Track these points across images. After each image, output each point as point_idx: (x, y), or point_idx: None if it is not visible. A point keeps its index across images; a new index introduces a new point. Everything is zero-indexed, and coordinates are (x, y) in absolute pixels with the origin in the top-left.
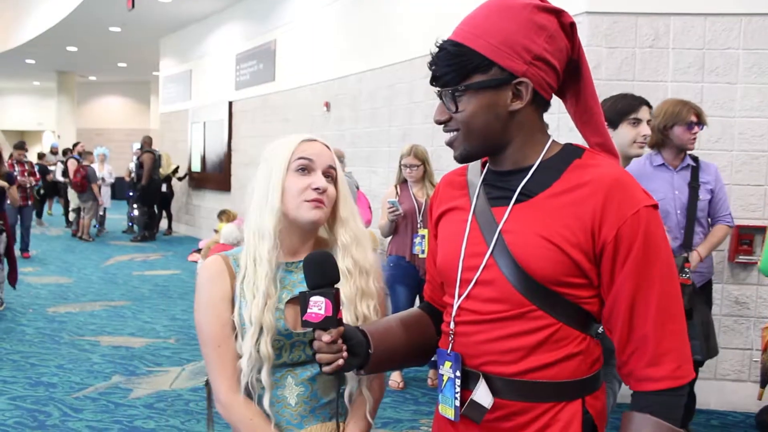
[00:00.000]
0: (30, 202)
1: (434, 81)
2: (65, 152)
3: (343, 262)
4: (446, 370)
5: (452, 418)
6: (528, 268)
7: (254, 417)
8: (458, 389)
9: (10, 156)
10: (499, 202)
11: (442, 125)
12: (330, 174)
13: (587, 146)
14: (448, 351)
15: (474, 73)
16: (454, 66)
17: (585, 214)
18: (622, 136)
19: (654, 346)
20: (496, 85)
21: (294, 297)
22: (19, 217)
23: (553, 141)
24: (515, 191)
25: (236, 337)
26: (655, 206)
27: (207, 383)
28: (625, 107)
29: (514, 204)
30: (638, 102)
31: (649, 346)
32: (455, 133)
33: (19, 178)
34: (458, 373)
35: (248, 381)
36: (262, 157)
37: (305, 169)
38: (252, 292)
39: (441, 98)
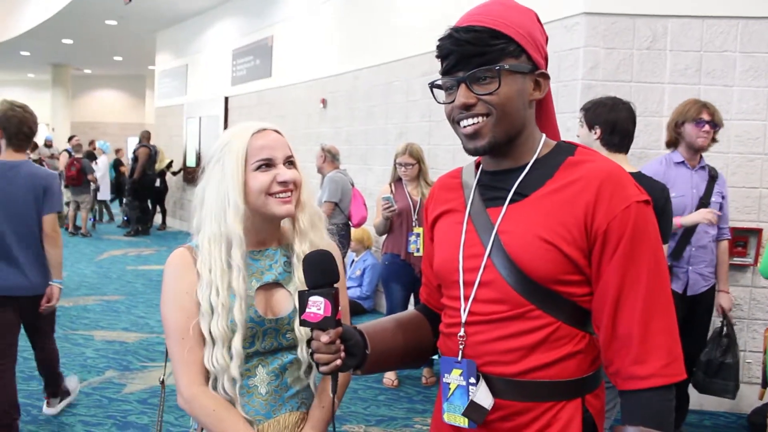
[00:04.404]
0: None
1: (459, 64)
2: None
3: (300, 247)
4: (454, 377)
5: (466, 426)
6: (525, 268)
7: (217, 407)
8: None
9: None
10: (494, 202)
11: (464, 112)
12: (290, 161)
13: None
14: (459, 358)
15: (508, 57)
16: (494, 47)
17: (578, 209)
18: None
19: (640, 342)
20: (524, 73)
21: (264, 284)
22: None
23: (546, 138)
24: (510, 191)
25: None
26: (647, 202)
27: (162, 382)
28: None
29: (509, 204)
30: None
31: (635, 343)
32: (483, 118)
33: None
34: (472, 380)
35: (222, 380)
36: (212, 154)
37: (267, 166)
38: (221, 302)
39: (464, 82)
